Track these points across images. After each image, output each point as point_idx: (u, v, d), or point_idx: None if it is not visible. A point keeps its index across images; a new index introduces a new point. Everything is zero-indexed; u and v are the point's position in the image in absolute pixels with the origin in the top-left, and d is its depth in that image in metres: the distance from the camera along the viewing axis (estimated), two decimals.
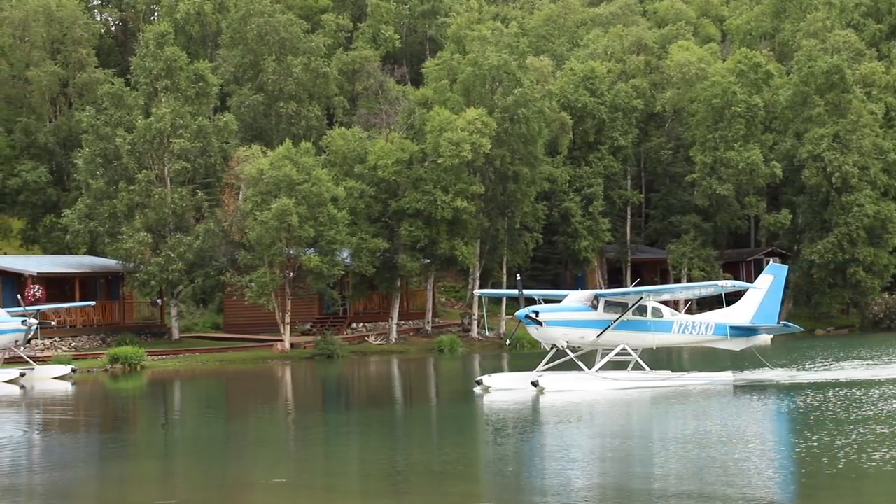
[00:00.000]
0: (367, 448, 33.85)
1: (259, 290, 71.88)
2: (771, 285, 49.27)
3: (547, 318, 46.63)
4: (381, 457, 31.61)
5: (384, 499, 25.64)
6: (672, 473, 27.03)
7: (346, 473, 29.26)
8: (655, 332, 47.61)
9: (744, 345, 49.45)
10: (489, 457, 31.02)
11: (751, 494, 23.91)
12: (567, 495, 24.63)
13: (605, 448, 31.71)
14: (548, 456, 30.64)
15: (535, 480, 26.90)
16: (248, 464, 31.73)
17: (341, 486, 27.44)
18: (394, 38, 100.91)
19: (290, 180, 72.11)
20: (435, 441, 34.98)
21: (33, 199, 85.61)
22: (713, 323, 48.68)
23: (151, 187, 74.60)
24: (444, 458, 30.85)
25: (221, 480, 28.93)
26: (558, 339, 46.76)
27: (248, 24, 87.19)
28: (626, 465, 28.61)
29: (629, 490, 25.14)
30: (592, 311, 46.95)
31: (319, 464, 31.25)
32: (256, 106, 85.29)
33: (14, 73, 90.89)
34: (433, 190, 77.50)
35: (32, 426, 43.26)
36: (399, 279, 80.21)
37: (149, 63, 76.60)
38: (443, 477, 27.80)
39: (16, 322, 61.06)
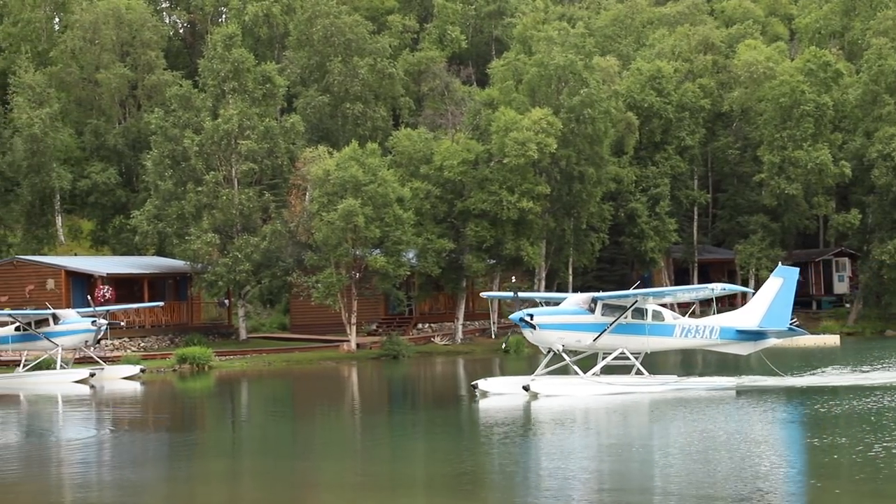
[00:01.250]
0: (434, 448, 33.85)
1: (325, 290, 72.12)
2: (781, 288, 47.61)
3: (541, 321, 45.49)
4: (447, 457, 31.61)
5: (452, 499, 25.62)
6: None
7: (412, 473, 29.29)
8: (656, 335, 46.33)
9: (751, 349, 48.06)
10: (550, 455, 30.94)
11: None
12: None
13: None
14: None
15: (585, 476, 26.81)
16: (315, 463, 31.84)
17: (407, 485, 27.46)
18: (460, 38, 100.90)
19: (356, 181, 72.29)
20: (498, 441, 34.91)
21: (103, 201, 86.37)
22: (719, 326, 47.18)
23: (219, 188, 75.07)
24: (505, 458, 30.80)
25: (289, 480, 29.04)
26: (554, 343, 45.69)
27: (315, 26, 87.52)
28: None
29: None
30: (590, 314, 45.73)
31: (385, 463, 31.29)
32: (323, 107, 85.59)
33: (84, 76, 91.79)
34: (499, 190, 77.44)
35: (103, 426, 43.68)
36: (465, 280, 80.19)
37: (216, 65, 77.10)
38: (504, 477, 27.74)
39: (86, 322, 61.66)
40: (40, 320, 61.73)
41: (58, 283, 73.87)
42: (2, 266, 76.35)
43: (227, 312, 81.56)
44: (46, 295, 71.57)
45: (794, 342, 75.77)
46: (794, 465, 28.69)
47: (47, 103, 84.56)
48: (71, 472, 31.58)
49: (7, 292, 73.95)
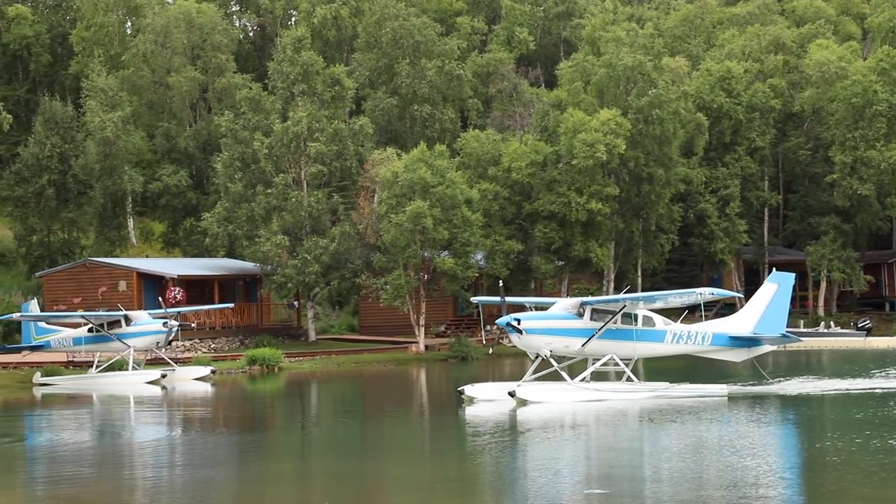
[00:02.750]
0: (503, 449, 33.82)
1: (394, 292, 72.29)
2: (775, 294, 46.49)
3: (528, 325, 44.38)
4: (516, 458, 31.59)
5: (521, 498, 25.61)
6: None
7: (478, 475, 29.28)
8: (646, 341, 45.29)
9: (745, 356, 46.89)
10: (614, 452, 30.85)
11: None
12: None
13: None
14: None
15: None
16: (384, 464, 31.90)
17: (475, 485, 27.46)
18: (528, 40, 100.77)
19: (424, 183, 72.40)
20: (558, 442, 34.83)
21: (174, 203, 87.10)
22: (711, 333, 46.16)
23: (288, 191, 75.47)
24: (569, 459, 30.72)
25: (358, 481, 29.12)
26: (541, 348, 44.68)
27: (383, 28, 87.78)
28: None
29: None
30: (578, 318, 44.76)
31: (453, 464, 31.29)
32: (391, 109, 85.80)
33: (156, 79, 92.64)
34: (567, 192, 77.29)
35: (174, 426, 44.05)
36: (533, 281, 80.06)
37: (286, 68, 77.53)
38: (571, 477, 27.69)
39: (157, 324, 62.18)
40: (113, 322, 62.35)
41: (130, 284, 74.62)
42: (75, 268, 77.24)
43: (296, 314, 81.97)
44: (119, 297, 72.32)
45: (866, 343, 75.15)
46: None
47: (119, 107, 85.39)
48: (143, 473, 31.88)
49: (80, 294, 74.82)
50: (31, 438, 41.17)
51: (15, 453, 37.16)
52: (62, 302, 74.41)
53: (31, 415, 50.41)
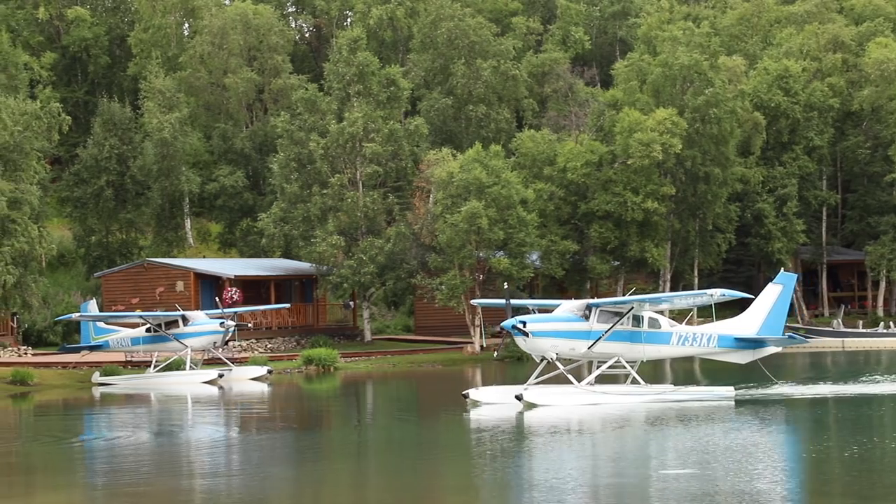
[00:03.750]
0: (562, 450, 33.78)
1: (449, 292, 72.33)
2: (780, 295, 46.04)
3: (534, 328, 44.03)
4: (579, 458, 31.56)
5: (581, 499, 25.56)
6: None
7: (535, 476, 29.22)
8: (652, 343, 44.78)
9: (749, 357, 46.43)
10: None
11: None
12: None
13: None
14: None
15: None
16: (440, 465, 31.92)
17: (533, 486, 27.42)
18: (584, 39, 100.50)
19: (479, 183, 72.40)
20: (615, 443, 34.74)
21: (230, 204, 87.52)
22: (716, 334, 45.72)
23: (344, 191, 75.70)
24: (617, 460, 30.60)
25: (414, 481, 29.16)
26: (547, 351, 44.29)
27: (439, 29, 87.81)
28: None
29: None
30: (584, 321, 44.30)
31: (510, 464, 31.26)
32: (446, 109, 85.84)
33: (212, 81, 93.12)
34: (623, 191, 77.06)
35: (231, 426, 44.29)
36: (589, 281, 79.87)
37: (342, 68, 77.75)
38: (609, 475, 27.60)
39: (214, 324, 62.55)
40: (170, 322, 62.78)
41: (187, 285, 75.10)
42: (133, 268, 77.84)
43: (352, 314, 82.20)
44: (176, 297, 72.80)
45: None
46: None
47: (177, 108, 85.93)
48: (200, 472, 32.09)
49: (138, 294, 75.39)
50: (90, 438, 41.53)
51: (74, 452, 37.52)
52: (120, 302, 75.01)
53: (90, 414, 50.87)
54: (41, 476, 32.40)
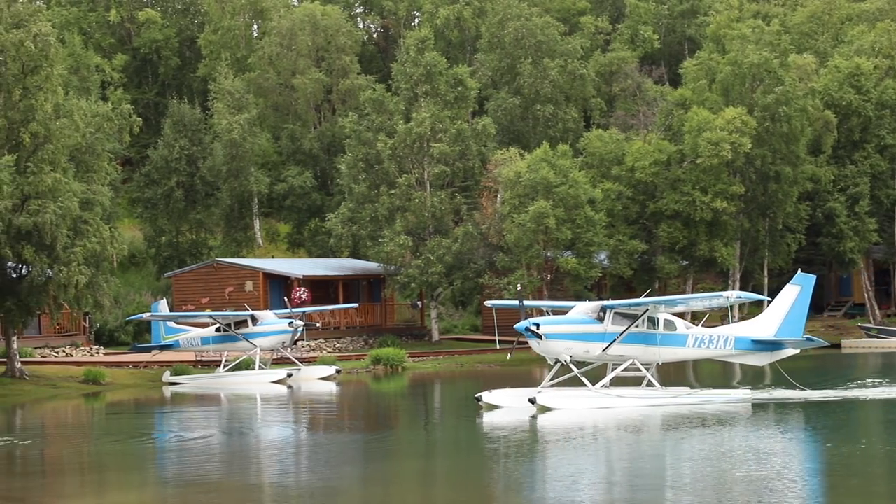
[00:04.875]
0: (630, 448, 33.68)
1: (516, 292, 72.15)
2: (798, 297, 45.32)
3: (548, 330, 43.32)
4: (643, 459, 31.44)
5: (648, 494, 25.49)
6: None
7: (602, 472, 29.13)
8: (668, 345, 44.10)
9: (767, 360, 45.72)
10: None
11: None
12: None
13: None
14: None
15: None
16: (507, 465, 31.89)
17: (599, 483, 27.35)
18: (652, 38, 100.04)
19: (547, 183, 72.31)
20: (681, 443, 34.55)
21: (299, 204, 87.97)
22: (733, 336, 44.86)
23: (411, 191, 75.85)
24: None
25: (481, 481, 29.14)
26: (561, 354, 43.64)
27: (506, 28, 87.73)
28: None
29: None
30: (599, 323, 43.52)
31: (570, 463, 31.17)
32: (514, 109, 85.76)
33: (281, 82, 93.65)
34: (692, 191, 76.62)
35: (299, 425, 44.51)
36: (657, 281, 79.48)
37: (409, 69, 77.91)
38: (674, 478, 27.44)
39: (283, 324, 62.85)
40: (239, 322, 63.17)
41: (256, 285, 75.57)
42: (203, 268, 78.42)
43: (419, 314, 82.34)
44: (245, 297, 73.29)
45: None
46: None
47: (246, 109, 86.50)
48: (269, 472, 32.27)
49: (208, 294, 75.94)
50: (160, 437, 41.90)
51: (146, 451, 37.87)
52: (190, 302, 75.61)
53: (160, 413, 51.32)
54: (113, 475, 32.72)
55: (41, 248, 56.94)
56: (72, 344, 71.23)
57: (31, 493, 29.06)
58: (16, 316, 59.58)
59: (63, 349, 70.28)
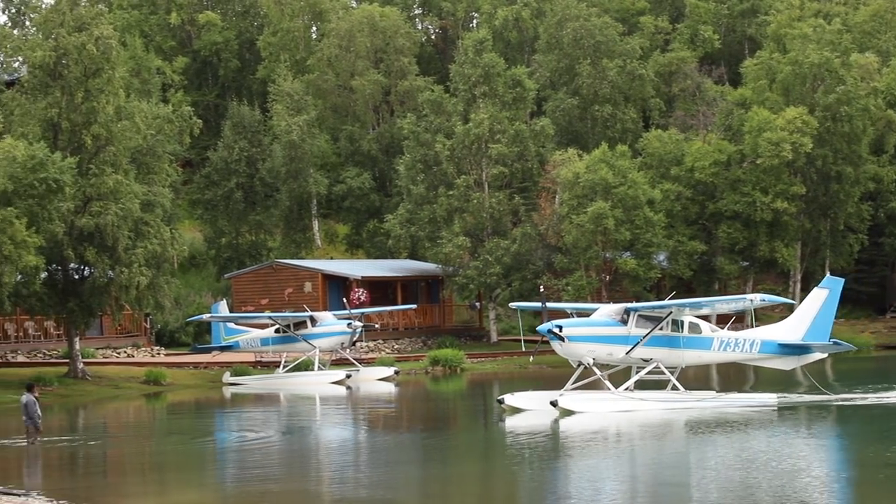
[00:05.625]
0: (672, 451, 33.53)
1: (575, 293, 72.09)
2: (826, 300, 44.55)
3: (570, 332, 42.95)
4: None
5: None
6: None
7: (653, 473, 29.02)
8: (692, 348, 43.63)
9: (794, 364, 45.11)
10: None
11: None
12: None
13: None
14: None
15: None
16: (564, 466, 31.83)
17: (655, 483, 27.25)
18: (712, 38, 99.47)
19: (605, 183, 72.12)
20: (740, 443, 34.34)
21: (357, 205, 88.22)
22: (759, 340, 44.35)
23: (470, 192, 75.88)
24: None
25: (540, 482, 29.11)
26: (584, 356, 43.00)
27: (564, 29, 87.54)
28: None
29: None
30: (622, 325, 43.08)
31: (626, 464, 31.08)
32: (572, 109, 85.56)
33: (339, 83, 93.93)
34: (752, 191, 76.15)
35: (358, 426, 44.62)
36: (717, 282, 79.04)
37: (467, 70, 77.94)
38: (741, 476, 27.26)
39: (342, 325, 63.01)
40: (299, 323, 63.41)
41: (315, 286, 75.86)
42: (262, 270, 78.82)
43: (478, 315, 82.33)
44: (304, 298, 73.59)
45: None
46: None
47: (305, 110, 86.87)
48: (329, 472, 32.39)
49: (267, 295, 76.29)
50: (221, 437, 42.15)
51: (206, 451, 38.11)
52: (250, 303, 75.99)
53: (220, 414, 51.63)
54: (174, 474, 32.96)
55: (103, 250, 57.48)
56: (133, 345, 71.84)
57: (94, 492, 29.34)
58: (78, 317, 60.17)
59: (124, 350, 70.90)
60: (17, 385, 51.07)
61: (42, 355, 67.99)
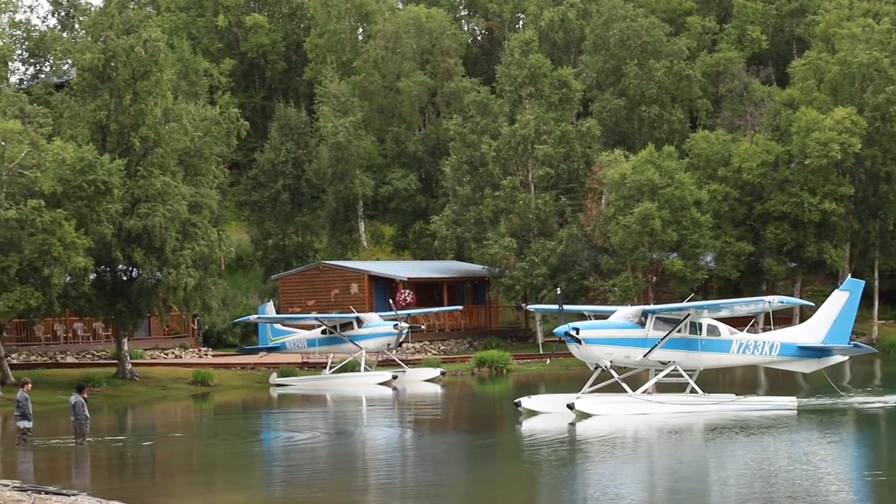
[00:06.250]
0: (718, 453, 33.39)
1: (622, 294, 71.89)
2: (846, 302, 44.06)
3: (587, 335, 42.73)
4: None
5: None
6: None
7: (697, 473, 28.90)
8: (711, 351, 43.21)
9: (814, 367, 44.61)
10: None
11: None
12: None
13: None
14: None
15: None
16: (613, 468, 31.75)
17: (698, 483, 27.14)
18: (760, 38, 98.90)
19: (652, 184, 71.90)
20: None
21: (403, 207, 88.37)
22: (779, 342, 43.86)
23: (516, 193, 75.84)
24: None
25: (584, 483, 29.05)
26: (601, 359, 42.68)
27: (611, 30, 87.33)
28: None
29: None
30: (640, 328, 42.77)
31: (677, 464, 30.96)
32: (618, 110, 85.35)
33: (386, 84, 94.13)
34: (800, 192, 75.67)
35: (405, 427, 44.67)
36: (765, 283, 78.60)
37: (513, 71, 77.90)
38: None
39: (388, 326, 63.14)
40: (345, 324, 63.58)
41: (361, 287, 76.04)
42: (309, 271, 79.10)
43: (524, 316, 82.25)
44: (351, 299, 73.78)
45: None
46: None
47: (351, 112, 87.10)
48: (375, 473, 32.45)
49: (314, 296, 76.55)
50: (267, 438, 42.31)
51: (253, 452, 38.26)
52: (297, 304, 76.27)
53: (267, 414, 51.82)
54: (221, 475, 33.11)
55: (151, 251, 57.86)
56: (180, 346, 72.25)
57: (142, 492, 29.52)
58: (126, 318, 60.58)
59: (172, 351, 71.31)
60: (66, 386, 51.48)
61: (91, 356, 68.48)
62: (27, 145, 52.53)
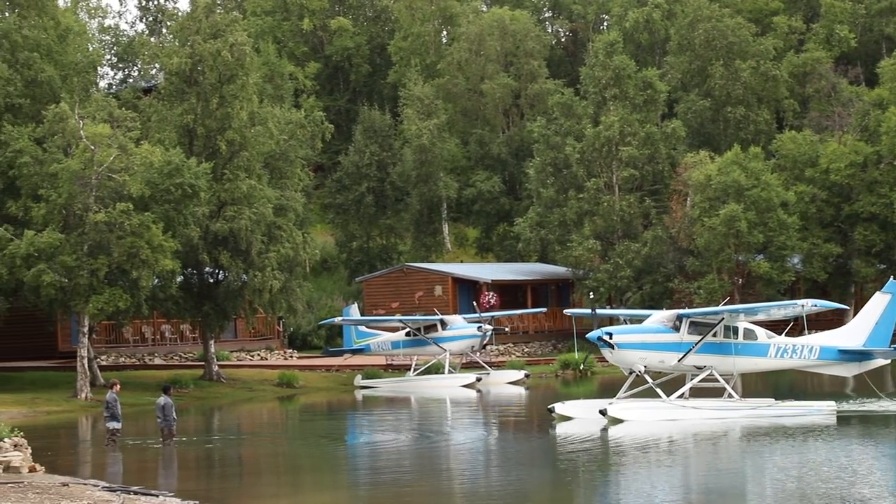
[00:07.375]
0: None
1: (707, 296, 71.30)
2: (888, 305, 42.81)
3: (621, 340, 41.75)
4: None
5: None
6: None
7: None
8: (747, 355, 42.15)
9: (856, 370, 43.43)
10: None
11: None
12: None
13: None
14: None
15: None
16: (694, 470, 31.55)
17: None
18: (849, 37, 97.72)
19: (738, 186, 71.31)
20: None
21: (487, 209, 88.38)
22: (818, 346, 42.73)
23: (600, 195, 75.56)
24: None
25: (665, 485, 28.86)
26: (635, 364, 41.81)
27: (696, 30, 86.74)
28: None
29: None
30: (674, 332, 41.79)
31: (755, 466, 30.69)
32: (704, 111, 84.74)
33: (470, 87, 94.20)
34: (889, 193, 74.68)
35: (489, 429, 44.67)
36: (853, 285, 77.64)
37: (598, 72, 77.62)
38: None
39: (472, 328, 63.17)
40: (429, 326, 63.69)
41: (445, 289, 76.17)
42: (393, 273, 79.37)
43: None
44: (434, 301, 73.90)
45: None
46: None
47: (435, 114, 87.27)
48: (459, 475, 32.47)
49: (398, 298, 76.79)
50: (353, 439, 42.49)
51: (338, 454, 38.45)
52: (381, 306, 76.55)
53: (352, 416, 52.05)
54: (307, 476, 33.32)
55: (237, 254, 58.36)
56: (266, 348, 72.79)
57: (229, 493, 29.78)
58: (213, 320, 61.16)
59: (258, 353, 71.87)
60: (153, 387, 52.02)
61: (178, 358, 69.24)
62: (116, 149, 53.19)
